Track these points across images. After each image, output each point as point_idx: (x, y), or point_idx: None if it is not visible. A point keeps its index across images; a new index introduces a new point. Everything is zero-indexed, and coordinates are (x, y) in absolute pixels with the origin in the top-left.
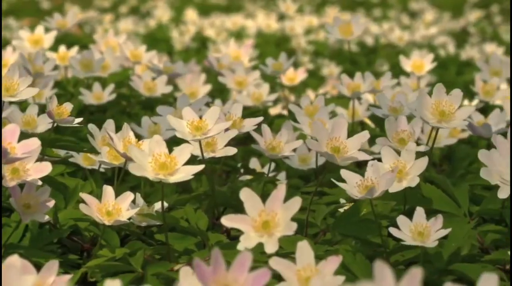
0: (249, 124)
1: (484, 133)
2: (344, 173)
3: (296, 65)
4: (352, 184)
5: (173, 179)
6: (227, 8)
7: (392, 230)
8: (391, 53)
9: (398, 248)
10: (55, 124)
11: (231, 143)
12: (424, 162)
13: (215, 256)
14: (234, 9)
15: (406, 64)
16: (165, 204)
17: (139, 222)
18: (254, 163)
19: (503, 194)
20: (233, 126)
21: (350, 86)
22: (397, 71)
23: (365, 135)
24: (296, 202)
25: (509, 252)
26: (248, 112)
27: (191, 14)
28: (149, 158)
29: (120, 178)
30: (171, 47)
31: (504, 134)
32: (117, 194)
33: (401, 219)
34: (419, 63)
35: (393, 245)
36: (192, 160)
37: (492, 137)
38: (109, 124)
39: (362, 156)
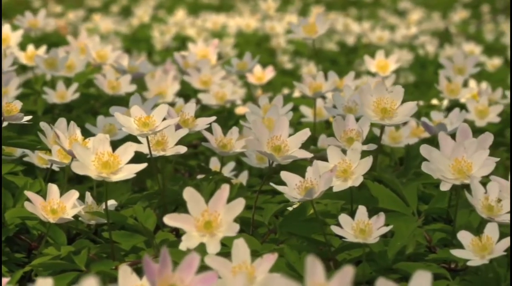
0: (202, 123)
1: (438, 132)
2: (284, 174)
3: (275, 64)
4: (292, 186)
5: (116, 178)
6: (219, 7)
7: (334, 228)
8: (371, 53)
9: (343, 247)
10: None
11: None
12: (368, 161)
13: (163, 255)
14: (226, 8)
15: (371, 64)
16: (118, 203)
17: (88, 220)
18: (214, 162)
19: (445, 187)
20: (186, 125)
21: (311, 86)
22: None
23: (305, 133)
24: (239, 203)
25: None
26: (214, 111)
27: (180, 14)
28: (92, 156)
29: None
30: (151, 47)
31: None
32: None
33: (343, 218)
34: (384, 64)
35: (340, 244)
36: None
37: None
38: (61, 123)
39: (303, 154)
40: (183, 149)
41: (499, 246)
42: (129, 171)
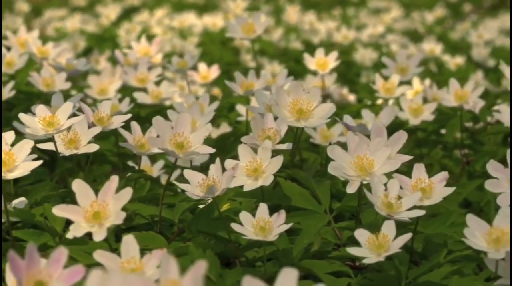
0: (118, 121)
1: (360, 132)
2: (186, 172)
3: (238, 64)
4: (195, 183)
5: (12, 176)
6: (204, 7)
7: (235, 226)
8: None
9: (249, 245)
10: None
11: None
12: (279, 160)
13: (29, 251)
14: (211, 8)
15: (310, 62)
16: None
17: None
18: (145, 161)
19: (350, 189)
20: (101, 123)
21: (243, 85)
22: (339, 70)
23: (207, 129)
24: (127, 193)
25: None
26: (152, 110)
27: (160, 13)
28: None
29: None
30: (117, 46)
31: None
32: None
33: (244, 215)
34: (323, 62)
35: (247, 241)
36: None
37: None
38: None
39: (206, 150)
40: (94, 147)
41: (395, 244)
42: (25, 169)
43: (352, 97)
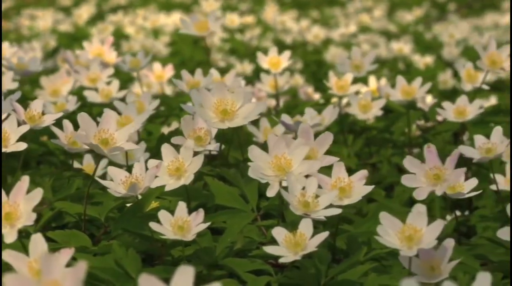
0: (49, 119)
1: (297, 129)
2: (110, 170)
3: (209, 63)
4: (118, 181)
5: None
6: (191, 6)
7: (153, 225)
8: (308, 51)
9: (174, 243)
10: None
11: None
12: (200, 159)
13: None
14: (198, 7)
15: (263, 61)
16: None
17: None
18: (87, 159)
19: (271, 192)
20: (32, 122)
21: (189, 83)
22: (311, 69)
23: (132, 126)
24: (38, 193)
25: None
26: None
27: (142, 13)
28: None
29: None
30: None
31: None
32: None
33: (163, 214)
34: (276, 61)
35: (172, 240)
36: None
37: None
38: None
39: (130, 146)
40: (23, 146)
41: (312, 242)
42: None
43: (317, 96)
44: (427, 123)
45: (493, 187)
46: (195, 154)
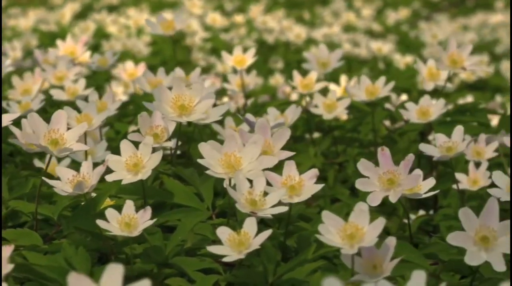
0: (6, 119)
1: None
2: (58, 169)
3: (190, 63)
4: (65, 180)
5: None
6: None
7: (100, 222)
8: (291, 51)
9: (125, 241)
10: None
11: None
12: (158, 155)
13: None
14: None
15: (228, 59)
16: None
17: None
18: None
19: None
20: None
21: (151, 82)
22: (292, 69)
23: (83, 126)
24: None
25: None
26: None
27: (132, 12)
28: None
29: None
30: None
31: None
32: None
33: (109, 211)
34: (241, 59)
35: (123, 238)
36: None
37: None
38: None
39: (80, 147)
40: None
41: (256, 241)
42: None
43: (295, 95)
44: (395, 123)
45: (456, 186)
46: (154, 150)
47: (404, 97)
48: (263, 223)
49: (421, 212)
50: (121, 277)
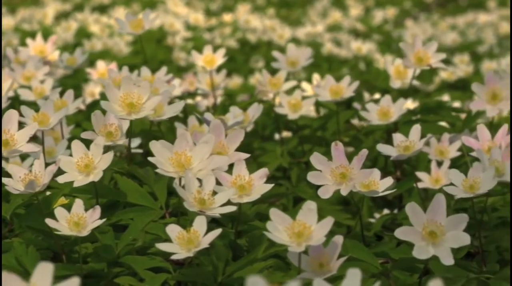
0: None
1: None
2: (10, 167)
3: (171, 62)
4: (17, 178)
5: None
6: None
7: (48, 221)
8: (270, 51)
9: (75, 240)
10: None
11: None
12: (109, 156)
13: None
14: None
15: (198, 59)
16: None
17: None
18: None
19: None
20: None
21: (115, 81)
22: (272, 68)
23: (33, 127)
24: None
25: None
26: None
27: (121, 11)
28: None
29: None
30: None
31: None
32: None
33: (58, 210)
34: (210, 58)
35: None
36: None
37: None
38: None
39: (30, 148)
40: None
41: (205, 240)
42: None
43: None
44: (361, 122)
45: (420, 185)
46: (107, 150)
47: (377, 96)
48: (216, 222)
49: (386, 211)
50: (51, 275)
